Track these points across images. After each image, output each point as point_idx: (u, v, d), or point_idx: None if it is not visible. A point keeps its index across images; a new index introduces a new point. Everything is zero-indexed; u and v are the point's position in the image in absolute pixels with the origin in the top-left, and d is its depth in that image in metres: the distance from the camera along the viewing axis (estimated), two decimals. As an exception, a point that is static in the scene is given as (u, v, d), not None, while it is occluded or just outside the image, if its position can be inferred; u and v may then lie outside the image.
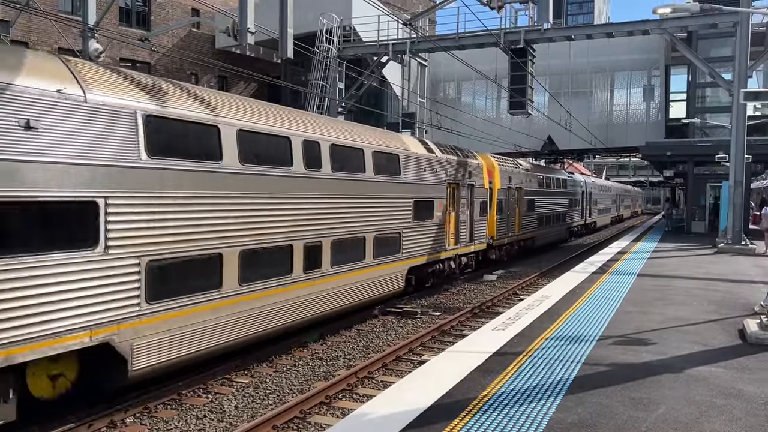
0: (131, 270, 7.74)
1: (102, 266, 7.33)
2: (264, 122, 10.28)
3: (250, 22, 9.87)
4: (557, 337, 7.59)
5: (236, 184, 9.40)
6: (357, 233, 12.82)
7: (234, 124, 9.46)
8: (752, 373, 6.17)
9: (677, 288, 11.88)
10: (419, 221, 15.56)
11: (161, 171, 8.15)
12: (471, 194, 19.03)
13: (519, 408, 5.12)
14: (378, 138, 14.15)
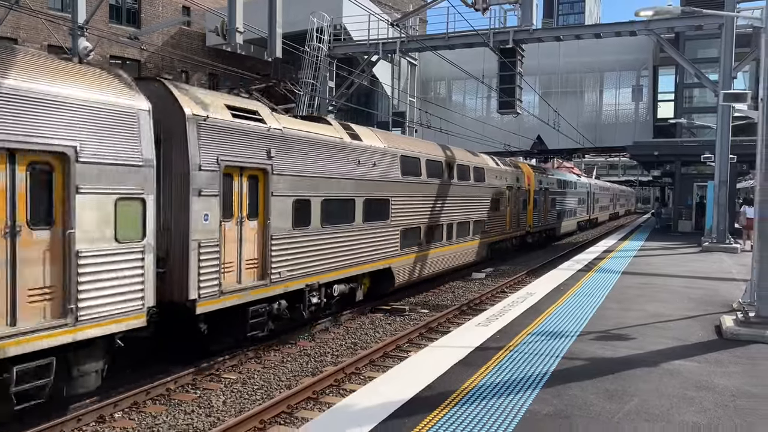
0: (397, 232, 15.21)
1: (390, 230, 14.90)
2: (407, 148, 16.23)
3: (239, 22, 9.97)
4: (538, 333, 7.77)
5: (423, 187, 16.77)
6: (465, 219, 19.70)
7: (395, 151, 15.33)
8: (725, 366, 6.37)
9: (659, 286, 12.10)
10: (493, 212, 22.27)
11: (407, 184, 15.65)
12: (518, 194, 25.41)
13: (497, 400, 5.28)
14: (473, 157, 21.19)
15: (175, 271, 9.02)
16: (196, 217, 9.13)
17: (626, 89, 35.57)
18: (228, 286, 9.75)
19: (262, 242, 10.51)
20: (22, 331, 6.66)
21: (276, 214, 10.69)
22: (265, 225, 10.49)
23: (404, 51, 26.53)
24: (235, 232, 10.02)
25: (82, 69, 7.88)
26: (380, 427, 4.68)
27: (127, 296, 7.87)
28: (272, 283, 10.65)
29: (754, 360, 6.62)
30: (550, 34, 23.69)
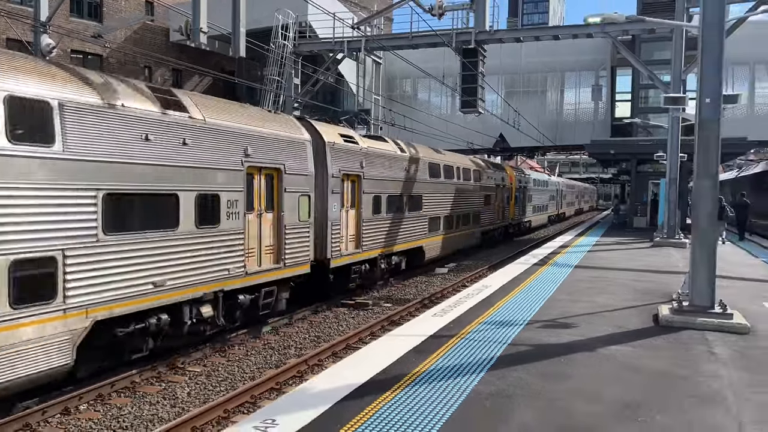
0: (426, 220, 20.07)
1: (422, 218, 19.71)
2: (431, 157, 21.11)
3: (203, 22, 10.16)
4: (489, 322, 8.22)
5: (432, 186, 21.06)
6: (468, 211, 24.82)
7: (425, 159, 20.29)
8: (657, 351, 6.90)
9: (609, 278, 12.72)
10: (486, 207, 27.39)
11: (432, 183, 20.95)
12: (503, 192, 30.59)
13: (445, 382, 5.68)
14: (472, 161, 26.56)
15: (320, 240, 13.89)
16: (330, 207, 14.07)
17: (586, 89, 36.57)
18: (343, 252, 15.05)
19: (356, 224, 15.75)
20: (264, 270, 11.75)
21: (365, 205, 15.93)
22: (359, 213, 15.75)
23: (369, 49, 26.84)
24: (345, 218, 15.11)
25: (281, 117, 13.33)
26: (335, 407, 5.03)
27: (303, 253, 13.01)
28: (362, 251, 15.97)
29: (683, 344, 7.17)
30: (510, 35, 24.28)
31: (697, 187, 8.21)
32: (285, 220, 12.16)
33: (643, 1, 28.90)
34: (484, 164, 28.17)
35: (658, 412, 4.98)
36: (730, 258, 17.24)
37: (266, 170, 11.77)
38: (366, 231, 15.95)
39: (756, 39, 31.21)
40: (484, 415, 4.92)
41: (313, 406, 5.01)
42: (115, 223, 8.49)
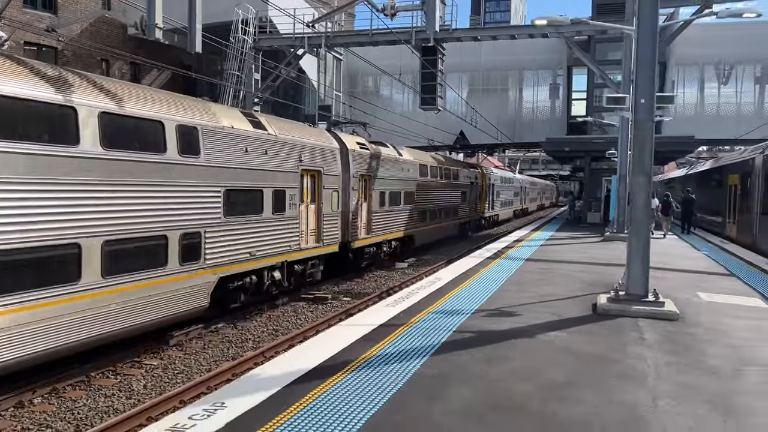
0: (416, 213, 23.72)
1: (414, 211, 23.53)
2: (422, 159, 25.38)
3: (159, 18, 10.20)
4: (438, 311, 8.57)
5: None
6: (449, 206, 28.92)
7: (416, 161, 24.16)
8: (591, 336, 7.35)
9: (557, 271, 13.24)
10: (463, 202, 31.74)
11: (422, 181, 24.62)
12: (476, 189, 34.75)
13: (390, 366, 5.99)
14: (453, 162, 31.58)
15: (344, 227, 17.59)
16: (351, 200, 17.83)
17: (544, 88, 37.38)
18: (359, 236, 18.76)
19: (368, 215, 19.44)
20: (310, 247, 15.46)
21: (374, 200, 19.74)
22: (369, 205, 19.45)
23: (330, 46, 26.98)
24: (360, 210, 18.79)
25: (318, 130, 17.29)
26: (283, 390, 5.28)
27: (335, 236, 16.89)
28: (372, 237, 19.74)
29: (616, 330, 7.64)
30: (468, 34, 24.78)
31: (633, 183, 8.71)
32: (323, 210, 16.11)
33: (596, 3, 29.73)
34: (461, 165, 33.33)
35: (584, 390, 5.38)
36: (674, 251, 18.05)
37: (311, 172, 15.52)
38: (374, 220, 19.87)
39: (704, 41, 32.44)
40: (424, 394, 5.24)
41: (262, 390, 5.25)
42: (229, 209, 11.90)
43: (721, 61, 34.78)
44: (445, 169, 28.03)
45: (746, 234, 21.18)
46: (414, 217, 23.64)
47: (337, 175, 16.86)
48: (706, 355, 6.63)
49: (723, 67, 35.07)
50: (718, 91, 35.44)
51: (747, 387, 5.62)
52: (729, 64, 34.85)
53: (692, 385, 5.60)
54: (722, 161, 28.96)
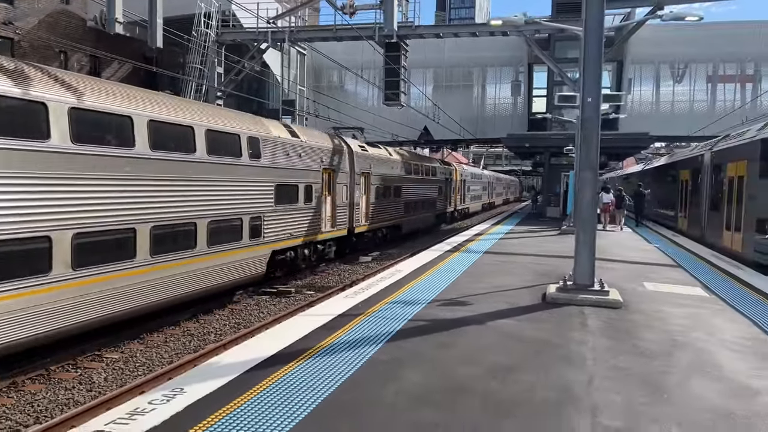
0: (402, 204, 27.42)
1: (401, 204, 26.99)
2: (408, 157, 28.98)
3: (119, 12, 10.20)
4: (396, 302, 8.87)
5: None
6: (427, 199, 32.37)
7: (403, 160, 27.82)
8: (539, 323, 7.74)
9: (514, 263, 13.69)
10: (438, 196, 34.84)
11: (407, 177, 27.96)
12: (450, 184, 38.52)
13: (346, 352, 6.25)
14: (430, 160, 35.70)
15: (350, 215, 20.91)
16: (355, 194, 21.05)
17: (506, 84, 38.04)
18: (361, 224, 22.07)
19: (367, 206, 22.53)
20: (327, 231, 18.91)
21: (372, 194, 22.90)
22: (368, 198, 22.58)
23: (293, 41, 27.02)
24: (361, 202, 21.94)
25: (330, 135, 20.11)
26: (242, 376, 5.50)
27: (344, 223, 20.17)
28: (370, 225, 23.02)
29: (563, 318, 8.06)
30: (430, 31, 25.12)
31: (580, 178, 9.14)
32: (336, 201, 19.47)
33: (556, 1, 30.40)
34: (438, 162, 36.95)
35: (526, 372, 5.74)
36: (626, 243, 18.76)
37: (329, 170, 18.88)
38: (372, 211, 23.13)
39: (659, 41, 33.47)
40: (377, 377, 5.53)
41: (221, 377, 5.46)
42: (278, 199, 15.56)
43: (675, 60, 35.90)
44: (425, 167, 31.69)
45: (695, 227, 22.08)
46: (401, 209, 27.30)
47: (346, 173, 20.40)
48: (643, 339, 7.08)
49: (677, 66, 36.20)
50: (672, 90, 36.57)
51: (675, 368, 6.06)
52: (683, 63, 36.00)
53: (626, 366, 6.02)
54: (675, 157, 30.01)
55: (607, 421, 4.63)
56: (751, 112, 31.75)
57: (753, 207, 15.41)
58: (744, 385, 5.63)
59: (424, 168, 31.39)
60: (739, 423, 4.74)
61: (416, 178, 29.53)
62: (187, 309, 13.01)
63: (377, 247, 24.73)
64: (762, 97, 33.56)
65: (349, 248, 21.88)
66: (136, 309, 10.84)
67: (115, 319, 10.49)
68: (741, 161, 16.76)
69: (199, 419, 4.51)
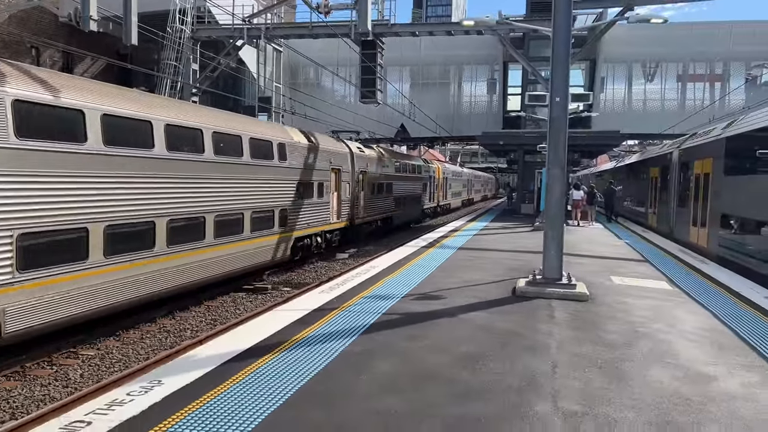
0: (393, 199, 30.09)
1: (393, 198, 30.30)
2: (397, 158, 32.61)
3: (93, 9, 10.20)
4: (370, 297, 9.07)
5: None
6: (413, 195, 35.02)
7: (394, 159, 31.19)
8: (508, 315, 8.01)
9: (486, 258, 13.98)
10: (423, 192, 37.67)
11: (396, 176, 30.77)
12: (434, 182, 41.18)
13: (321, 345, 6.44)
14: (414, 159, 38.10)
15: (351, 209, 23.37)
16: (355, 190, 23.49)
17: (482, 82, 38.47)
18: (360, 216, 24.40)
19: (364, 200, 24.85)
20: (333, 222, 21.65)
21: (368, 190, 25.30)
22: (366, 194, 25.01)
23: (269, 37, 27.01)
24: (360, 197, 24.31)
25: (334, 139, 22.86)
26: (219, 368, 5.65)
27: (346, 215, 22.80)
28: (367, 217, 25.43)
29: (531, 310, 8.34)
30: (406, 29, 25.33)
31: (549, 176, 9.43)
32: (341, 197, 22.09)
33: (530, 1, 30.83)
34: (423, 161, 39.94)
35: (493, 360, 5.99)
36: (597, 239, 19.21)
37: (335, 169, 21.38)
38: (369, 205, 25.72)
39: (632, 40, 34.12)
40: (349, 367, 5.73)
41: (198, 369, 5.61)
42: (299, 194, 18.26)
43: (647, 59, 36.63)
44: (412, 166, 34.67)
45: (664, 224, 22.66)
46: (393, 203, 30.00)
47: (348, 172, 22.93)
48: (606, 330, 7.38)
49: (649, 65, 36.95)
50: (644, 88, 37.32)
51: (635, 356, 6.36)
52: (654, 63, 36.75)
53: (588, 355, 6.30)
54: (646, 155, 30.68)
55: (566, 405, 4.88)
56: (720, 111, 32.58)
57: (717, 203, 15.91)
58: (699, 372, 5.93)
59: (411, 167, 34.39)
60: (692, 407, 5.03)
61: (405, 175, 32.40)
62: (162, 306, 13.06)
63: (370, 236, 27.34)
64: (730, 96, 34.44)
65: (351, 237, 24.57)
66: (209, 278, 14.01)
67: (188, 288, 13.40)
68: (707, 159, 17.27)
69: (176, 409, 4.66)
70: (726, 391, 5.42)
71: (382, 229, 28.87)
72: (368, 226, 26.60)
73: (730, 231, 14.83)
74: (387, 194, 28.93)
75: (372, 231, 27.52)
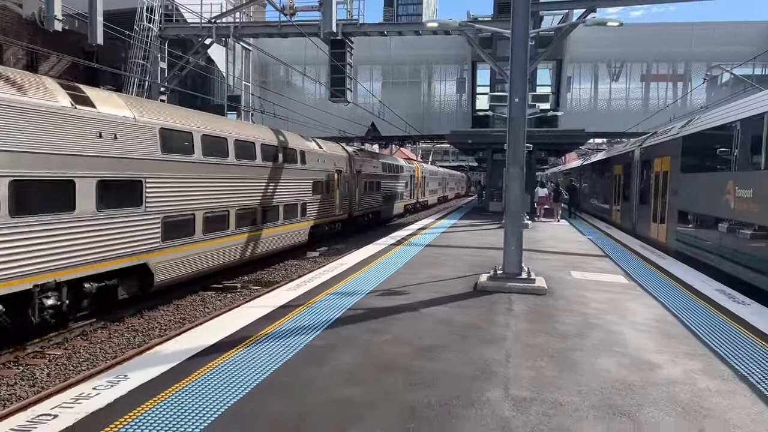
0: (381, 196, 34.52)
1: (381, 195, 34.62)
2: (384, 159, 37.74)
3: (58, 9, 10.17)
4: (337, 293, 9.28)
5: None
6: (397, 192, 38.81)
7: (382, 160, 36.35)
8: (468, 309, 8.29)
9: (452, 255, 14.29)
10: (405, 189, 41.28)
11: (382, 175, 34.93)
12: (414, 180, 44.78)
13: (285, 339, 6.63)
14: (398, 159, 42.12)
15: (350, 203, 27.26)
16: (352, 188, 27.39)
17: (452, 81, 38.90)
18: (356, 210, 28.21)
19: (359, 196, 28.30)
20: (337, 214, 25.47)
21: (361, 187, 29.05)
22: (360, 191, 28.56)
23: (238, 36, 26.95)
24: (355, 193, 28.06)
25: (335, 145, 26.36)
26: (184, 363, 5.81)
27: (346, 209, 26.72)
28: (361, 211, 28.97)
29: (491, 304, 8.64)
30: (375, 29, 25.51)
31: (508, 174, 9.74)
32: (342, 193, 25.62)
33: (498, 1, 31.29)
34: (404, 161, 44.00)
35: (450, 352, 6.25)
36: (562, 236, 19.69)
37: (338, 170, 24.90)
38: (362, 201, 29.36)
39: (597, 41, 34.85)
40: (312, 360, 5.93)
41: (164, 363, 5.76)
42: (313, 191, 21.86)
43: (612, 59, 37.45)
44: (396, 166, 38.82)
45: (627, 220, 23.31)
46: (380, 200, 33.70)
47: (347, 172, 26.58)
48: (561, 322, 7.71)
49: (614, 65, 37.78)
50: (609, 87, 38.15)
51: (586, 346, 6.69)
52: (619, 63, 37.59)
53: (542, 345, 6.60)
54: (610, 153, 31.41)
55: (516, 392, 5.16)
56: (682, 110, 33.51)
57: (675, 200, 16.49)
58: (645, 360, 6.28)
59: (395, 167, 38.68)
60: (634, 392, 5.35)
61: (390, 175, 36.49)
62: (130, 305, 13.08)
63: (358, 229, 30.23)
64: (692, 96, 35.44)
65: (350, 227, 28.43)
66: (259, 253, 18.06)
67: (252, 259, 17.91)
68: (665, 157, 17.86)
69: (141, 401, 4.81)
70: (667, 377, 5.76)
71: (373, 221, 32.79)
72: (362, 219, 30.61)
73: (686, 226, 15.39)
74: (377, 191, 32.89)
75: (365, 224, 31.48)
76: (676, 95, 36.86)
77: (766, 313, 8.63)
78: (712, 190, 13.19)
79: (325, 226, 24.15)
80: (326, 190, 23.51)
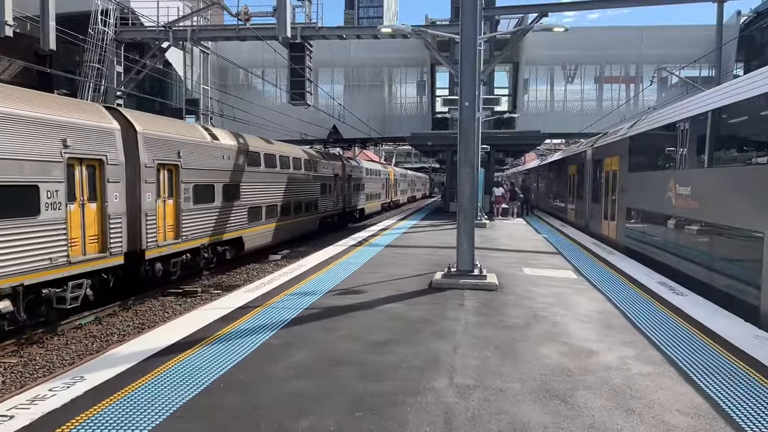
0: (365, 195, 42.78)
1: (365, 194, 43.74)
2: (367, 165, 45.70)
3: (8, 14, 10.08)
4: (295, 294, 9.47)
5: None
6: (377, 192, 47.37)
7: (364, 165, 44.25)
8: (422, 305, 8.59)
9: (411, 254, 14.61)
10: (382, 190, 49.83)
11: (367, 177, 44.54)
12: (389, 182, 51.60)
13: (242, 339, 6.80)
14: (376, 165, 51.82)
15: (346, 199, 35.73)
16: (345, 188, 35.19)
17: (412, 84, 39.37)
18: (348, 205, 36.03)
19: (350, 195, 36.51)
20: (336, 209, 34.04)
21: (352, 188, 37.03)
22: (351, 191, 36.74)
23: (196, 39, 26.83)
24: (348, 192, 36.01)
25: (334, 154, 37.09)
26: (141, 363, 5.94)
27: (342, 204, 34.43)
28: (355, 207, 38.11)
29: (443, 300, 8.96)
30: (333, 32, 25.72)
31: (460, 174, 10.09)
32: (339, 192, 32.29)
33: (454, 5, 31.91)
34: (381, 166, 51.57)
35: (402, 345, 6.53)
36: (517, 234, 20.23)
37: (336, 174, 30.87)
38: (352, 198, 36.19)
39: (552, 44, 35.72)
40: (267, 357, 6.13)
41: (120, 364, 5.88)
42: (321, 191, 29.42)
43: (567, 61, 38.44)
44: (374, 170, 45.47)
45: (581, 218, 24.04)
46: (365, 198, 40.45)
47: (342, 176, 32.98)
48: (509, 315, 8.07)
49: (569, 67, 38.78)
50: (565, 89, 39.16)
51: (530, 336, 7.05)
52: (574, 65, 38.61)
53: (489, 337, 6.94)
54: (564, 153, 32.29)
55: (461, 380, 5.47)
56: (634, 111, 34.63)
57: (623, 198, 17.15)
58: (585, 349, 6.66)
59: (375, 171, 46.02)
60: (571, 377, 5.71)
61: (372, 178, 43.54)
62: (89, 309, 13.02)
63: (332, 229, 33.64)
64: (644, 96, 36.66)
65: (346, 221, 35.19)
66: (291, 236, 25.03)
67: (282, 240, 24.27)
68: (614, 156, 18.55)
69: (98, 401, 4.94)
70: (603, 363, 6.15)
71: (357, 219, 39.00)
72: (353, 213, 37.32)
73: (634, 223, 16.04)
74: (362, 191, 39.82)
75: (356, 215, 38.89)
76: (629, 96, 38.05)
77: (701, 302, 9.17)
78: (655, 188, 13.81)
79: (327, 218, 30.73)
80: (329, 190, 30.38)
